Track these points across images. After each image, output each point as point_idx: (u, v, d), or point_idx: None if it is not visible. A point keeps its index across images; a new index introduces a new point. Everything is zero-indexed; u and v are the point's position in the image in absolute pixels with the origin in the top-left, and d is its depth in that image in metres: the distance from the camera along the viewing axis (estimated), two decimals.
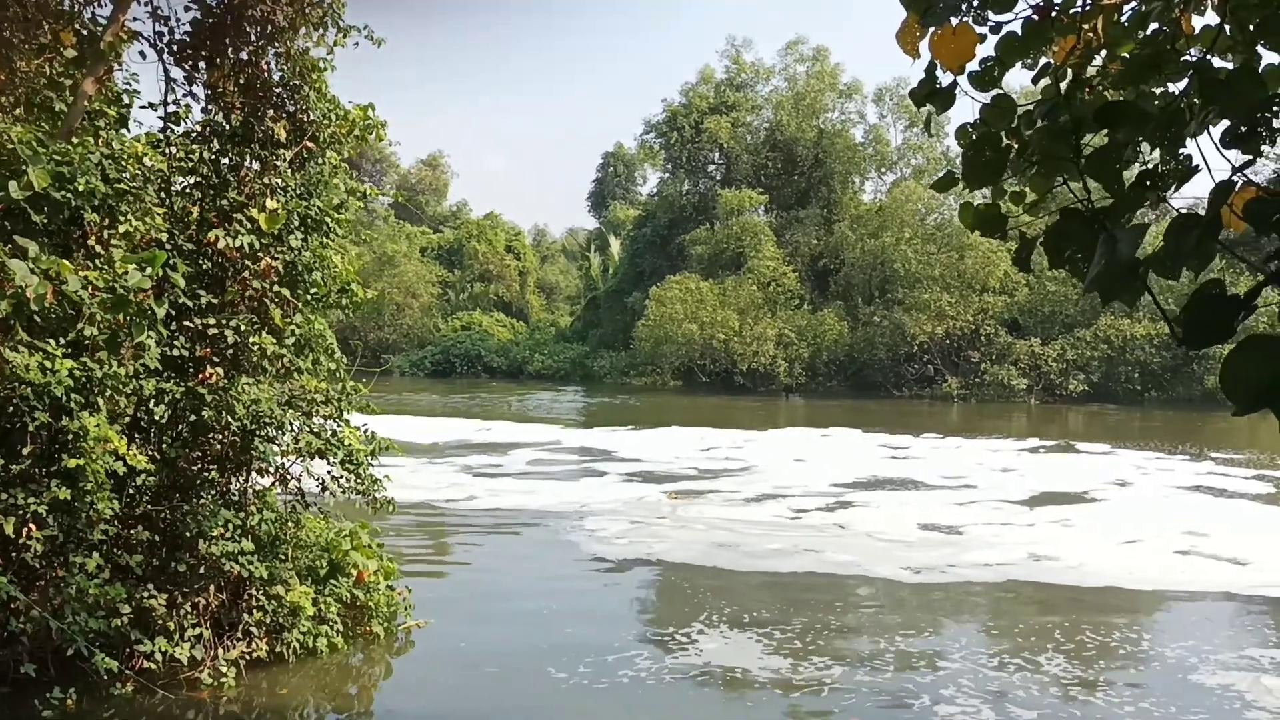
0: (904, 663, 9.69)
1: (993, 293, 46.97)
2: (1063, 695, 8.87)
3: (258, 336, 8.98)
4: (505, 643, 10.23)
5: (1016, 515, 17.28)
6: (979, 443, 28.72)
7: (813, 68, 56.79)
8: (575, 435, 29.47)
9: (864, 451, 26.47)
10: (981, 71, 3.95)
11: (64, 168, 7.92)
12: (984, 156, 2.92)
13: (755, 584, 12.70)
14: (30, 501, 7.79)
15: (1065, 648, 10.19)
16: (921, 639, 10.48)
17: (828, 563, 13.65)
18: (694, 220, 57.73)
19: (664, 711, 8.49)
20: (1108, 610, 11.73)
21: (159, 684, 8.35)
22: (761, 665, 9.48)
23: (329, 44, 9.28)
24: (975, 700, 8.60)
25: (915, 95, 3.98)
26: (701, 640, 10.18)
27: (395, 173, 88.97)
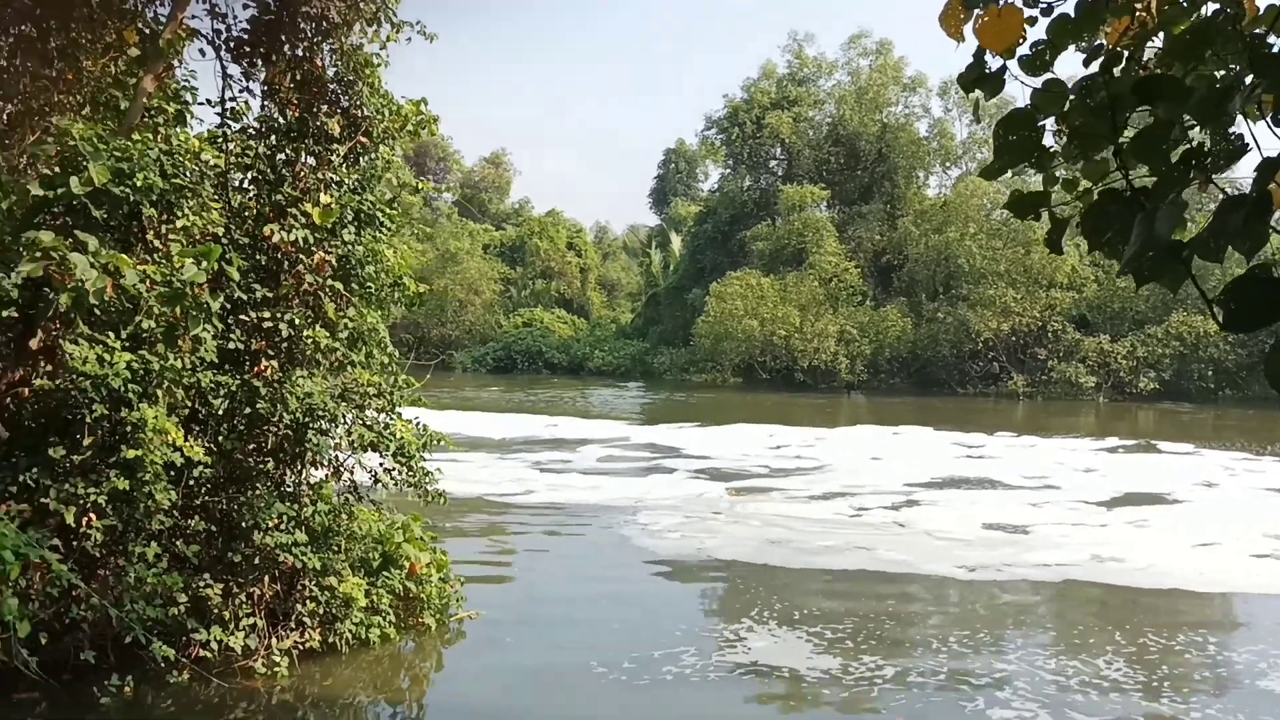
0: (957, 664, 9.52)
1: (1060, 288, 46.10)
2: (1123, 700, 8.65)
3: (311, 330, 9.07)
4: (552, 637, 10.25)
5: (1091, 516, 16.88)
6: (1055, 442, 28.10)
7: (876, 61, 56.20)
8: (643, 432, 29.40)
9: (938, 450, 26.04)
10: (1032, 55, 3.83)
11: (123, 164, 8.05)
12: (1014, 135, 2.82)
13: (807, 581, 12.58)
14: (90, 491, 7.93)
15: (1126, 650, 9.94)
16: (976, 639, 10.28)
17: (881, 560, 13.48)
18: (755, 216, 57.47)
19: (706, 710, 8.41)
20: (1173, 613, 11.43)
21: (214, 672, 8.47)
22: (810, 664, 9.36)
23: (382, 40, 9.34)
24: (1032, 704, 8.41)
25: (963, 80, 3.86)
26: (749, 638, 10.09)
27: (459, 170, 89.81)
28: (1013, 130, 2.84)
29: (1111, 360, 45.11)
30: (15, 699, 7.80)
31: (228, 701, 8.27)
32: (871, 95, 55.12)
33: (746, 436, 28.17)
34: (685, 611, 11.64)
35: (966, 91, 3.94)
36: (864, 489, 19.22)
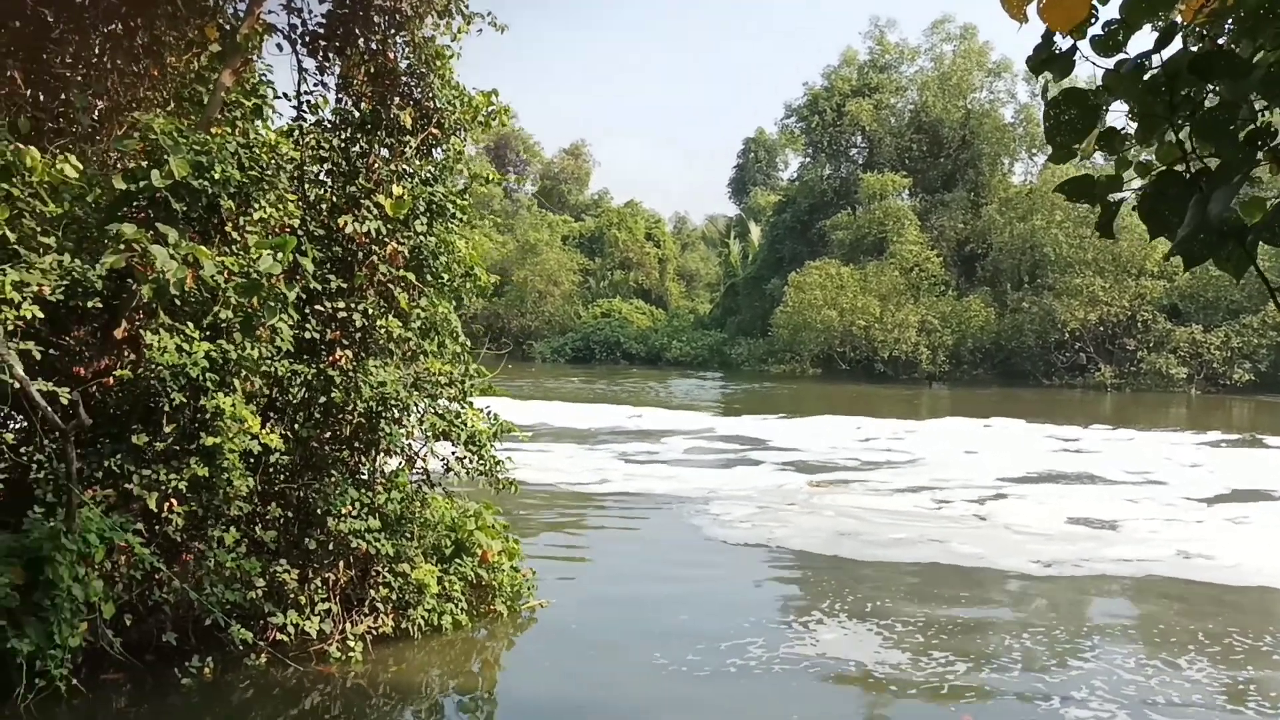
0: (1031, 661, 9.31)
1: (1150, 277, 44.88)
2: (1206, 702, 8.38)
3: (385, 320, 9.20)
4: (621, 626, 10.28)
5: (1192, 512, 16.36)
6: (1155, 435, 27.31)
7: (960, 46, 55.27)
8: (728, 423, 29.22)
9: (1032, 443, 25.42)
10: (1104, 35, 3.70)
11: (202, 157, 8.23)
12: (1067, 115, 2.72)
13: (886, 575, 12.41)
14: (171, 478, 8.14)
15: (1210, 650, 9.62)
16: (1051, 636, 10.05)
17: (963, 555, 13.25)
18: (835, 205, 56.95)
19: (769, 703, 8.34)
20: (1261, 612, 11.05)
21: (290, 656, 8.64)
22: (878, 659, 9.23)
23: (453, 32, 9.42)
24: (1110, 704, 8.19)
25: (1031, 62, 3.75)
26: (818, 630, 9.99)
27: (539, 162, 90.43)
28: (1064, 110, 2.74)
29: (1204, 351, 43.81)
30: (102, 679, 8.05)
31: (304, 684, 8.43)
32: (955, 81, 54.22)
33: (834, 428, 27.87)
34: (757, 602, 11.54)
35: (1035, 73, 3.81)
36: (956, 483, 18.80)
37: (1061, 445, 25.07)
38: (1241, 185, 2.23)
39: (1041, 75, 3.85)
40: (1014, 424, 29.77)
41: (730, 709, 8.22)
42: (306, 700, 8.22)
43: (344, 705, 8.24)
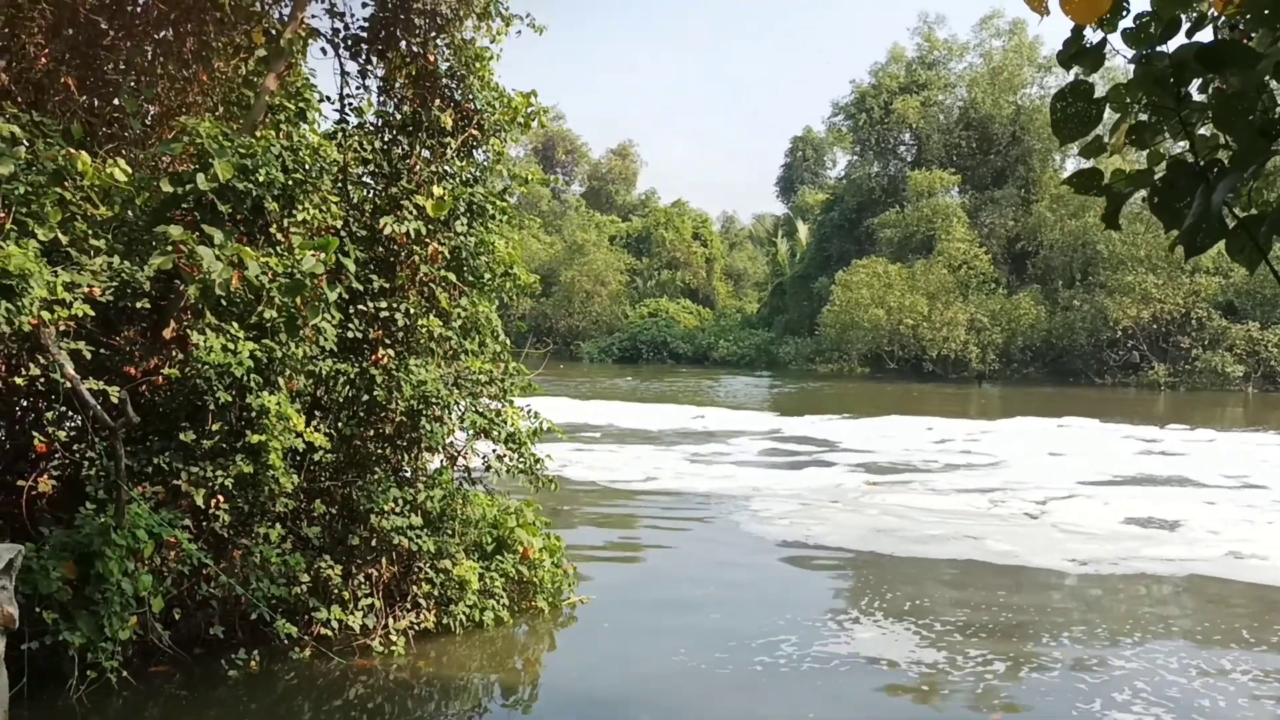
0: (1072, 661, 9.21)
1: (1205, 274, 44.08)
2: (1251, 706, 8.24)
3: (426, 319, 9.31)
4: (658, 624, 10.30)
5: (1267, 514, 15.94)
6: (1237, 436, 26.40)
7: (1009, 42, 54.64)
8: (794, 424, 28.74)
9: (1112, 444, 24.64)
10: (1136, 28, 3.67)
11: (247, 160, 8.38)
12: (1073, 108, 2.72)
13: (919, 571, 12.34)
14: (218, 475, 8.31)
15: (1258, 651, 9.47)
16: (1093, 636, 9.94)
17: (988, 551, 13.20)
18: (883, 203, 56.56)
19: (806, 702, 8.31)
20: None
21: (334, 650, 8.79)
22: (912, 658, 9.18)
23: (493, 34, 9.51)
24: (1156, 708, 8.08)
25: (1062, 56, 3.74)
26: (853, 629, 9.96)
27: (586, 163, 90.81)
28: (1070, 103, 2.73)
29: (1261, 349, 42.95)
30: (151, 671, 8.24)
31: (347, 677, 8.56)
32: (1005, 77, 53.64)
33: (904, 429, 27.37)
34: (801, 600, 11.48)
35: (1065, 68, 3.80)
36: (1045, 487, 18.04)
37: (1144, 446, 24.36)
38: (1244, 176, 2.21)
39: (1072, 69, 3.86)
40: (1087, 424, 29.10)
41: (766, 706, 8.22)
42: (349, 693, 8.35)
43: (386, 698, 8.36)
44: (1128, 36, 3.66)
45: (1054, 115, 2.87)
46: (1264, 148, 2.37)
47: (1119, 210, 2.77)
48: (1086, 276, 47.68)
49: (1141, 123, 3.44)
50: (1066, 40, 3.68)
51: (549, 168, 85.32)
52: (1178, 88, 2.48)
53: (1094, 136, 3.75)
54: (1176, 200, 2.39)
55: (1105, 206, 2.75)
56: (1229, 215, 2.43)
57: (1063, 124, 2.80)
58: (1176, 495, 17.58)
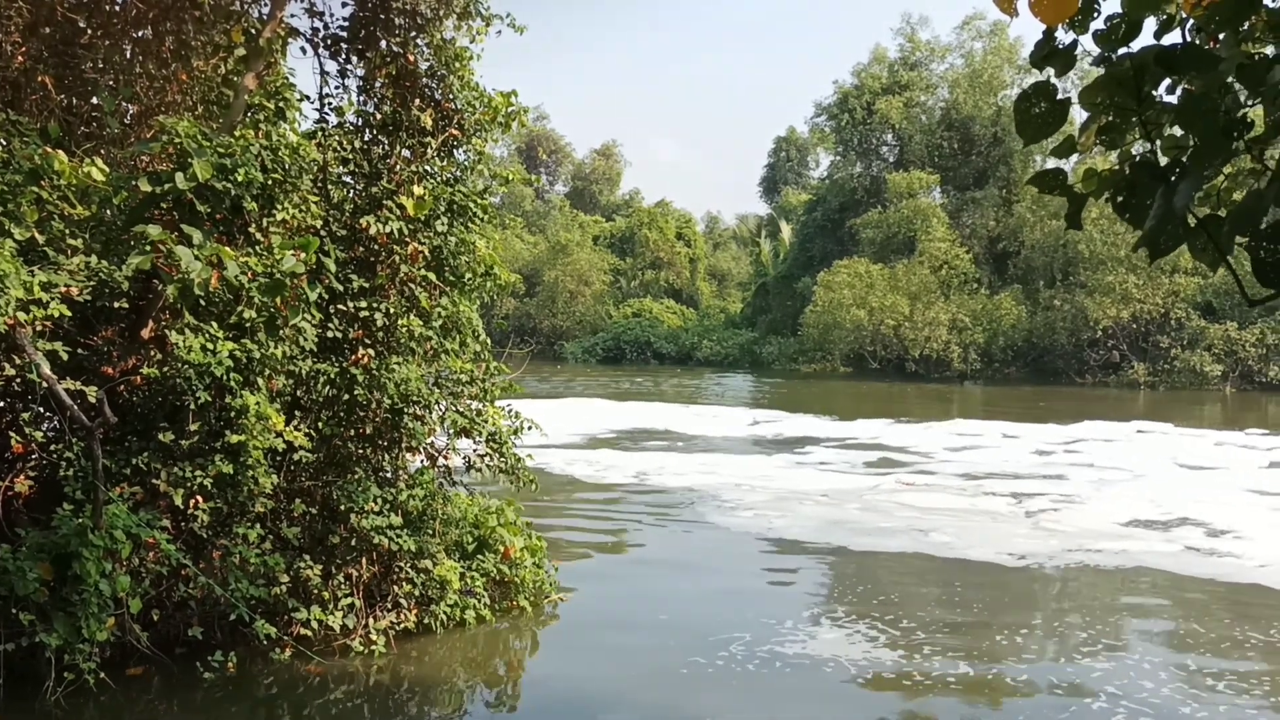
0: (1036, 658, 9.27)
1: (1184, 274, 44.30)
2: (1166, 690, 8.32)
3: (406, 319, 9.31)
4: (641, 620, 10.32)
5: None
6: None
7: (990, 43, 54.80)
8: (855, 428, 27.30)
9: (1234, 454, 22.86)
10: (1106, 29, 3.71)
11: (226, 159, 8.35)
12: (1036, 108, 2.74)
13: (942, 577, 12.41)
14: (197, 475, 8.28)
15: (1205, 641, 9.58)
16: (1028, 625, 10.02)
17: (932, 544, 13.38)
18: (865, 204, 56.65)
19: (777, 699, 8.35)
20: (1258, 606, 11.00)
21: (314, 650, 8.77)
22: (870, 656, 9.25)
23: (473, 33, 9.51)
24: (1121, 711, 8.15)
25: (1034, 57, 3.77)
26: (812, 628, 10.03)
27: (570, 163, 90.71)
28: (1034, 104, 2.76)
29: (1239, 348, 43.24)
30: (129, 673, 8.20)
31: (327, 678, 8.55)
32: (986, 78, 53.76)
33: (994, 435, 25.61)
34: (796, 598, 11.51)
35: (1038, 69, 3.83)
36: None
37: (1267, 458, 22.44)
38: (1205, 177, 2.24)
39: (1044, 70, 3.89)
40: (1165, 428, 27.80)
41: (745, 704, 8.26)
42: (329, 693, 8.34)
43: (367, 698, 8.35)
44: (1098, 38, 3.69)
45: (1018, 116, 2.90)
46: (1225, 147, 2.41)
47: (1081, 210, 2.80)
48: (1067, 276, 47.88)
49: (1111, 123, 3.48)
50: (1038, 42, 3.71)
51: (532, 168, 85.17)
52: (1139, 89, 2.51)
53: (1065, 137, 3.79)
54: (1140, 200, 2.42)
55: (1068, 206, 2.77)
56: (1191, 216, 2.46)
57: (1026, 125, 2.83)
58: None
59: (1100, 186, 3.47)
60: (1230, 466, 20.90)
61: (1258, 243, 2.21)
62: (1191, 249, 2.43)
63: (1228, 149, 2.41)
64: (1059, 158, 3.95)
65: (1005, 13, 3.60)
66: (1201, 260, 2.45)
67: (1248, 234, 2.19)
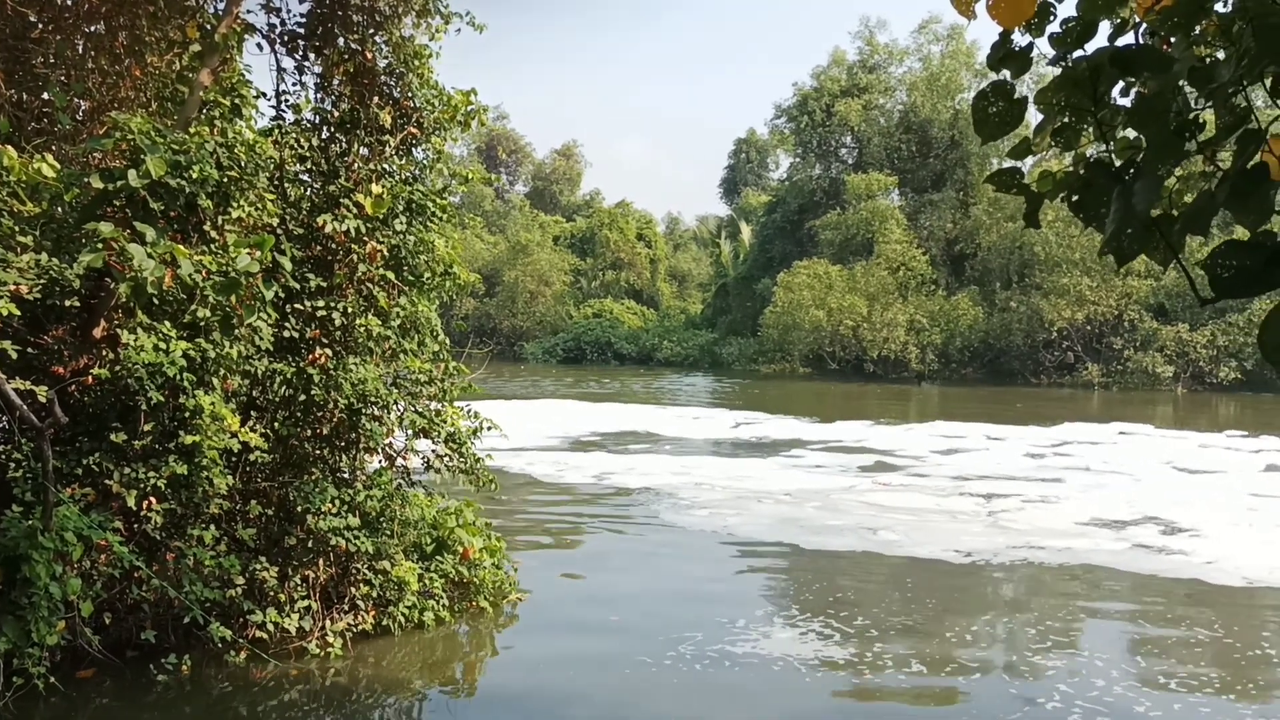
0: (980, 655, 9.37)
1: (1137, 276, 45.02)
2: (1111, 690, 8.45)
3: (364, 318, 9.23)
4: (599, 620, 10.30)
5: None
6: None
7: (948, 47, 55.37)
8: (825, 430, 27.24)
9: (1237, 459, 22.56)
10: (1062, 32, 3.75)
11: (180, 156, 8.24)
12: (994, 107, 2.77)
13: (891, 575, 12.48)
14: (150, 476, 8.16)
15: (1145, 637, 9.73)
16: (977, 624, 10.13)
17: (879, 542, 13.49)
18: (825, 205, 57.02)
19: (735, 698, 8.37)
20: (1193, 603, 11.22)
21: (270, 653, 8.68)
22: (823, 653, 9.31)
23: (432, 31, 9.46)
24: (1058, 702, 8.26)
25: (990, 59, 3.80)
26: (766, 627, 10.07)
27: (530, 163, 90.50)
28: (991, 103, 2.79)
29: (1190, 349, 43.98)
30: (80, 676, 8.07)
31: (283, 681, 8.46)
32: (944, 81, 54.33)
33: (985, 439, 25.33)
34: (754, 597, 11.55)
35: (994, 70, 3.87)
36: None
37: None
38: (1163, 180, 2.28)
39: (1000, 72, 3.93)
40: (1148, 429, 27.81)
41: (702, 703, 8.27)
42: (285, 696, 8.25)
43: (324, 701, 8.28)
44: (1054, 40, 3.74)
45: (975, 115, 2.93)
46: (1177, 148, 2.44)
47: (1038, 209, 2.83)
48: (1023, 278, 48.48)
49: (1065, 125, 3.52)
50: (995, 44, 3.75)
51: (492, 167, 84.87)
52: (1094, 90, 2.54)
53: (1022, 139, 3.82)
54: (1094, 200, 2.45)
55: (1026, 205, 2.80)
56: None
57: (983, 124, 2.86)
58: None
59: (1055, 187, 3.52)
60: (1227, 470, 20.70)
61: (1214, 259, 2.24)
62: (1146, 249, 2.46)
63: (1180, 150, 2.44)
64: (1016, 159, 3.99)
65: (963, 15, 3.64)
66: (1153, 259, 2.48)
67: (1202, 235, 2.23)
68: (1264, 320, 2.17)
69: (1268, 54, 2.45)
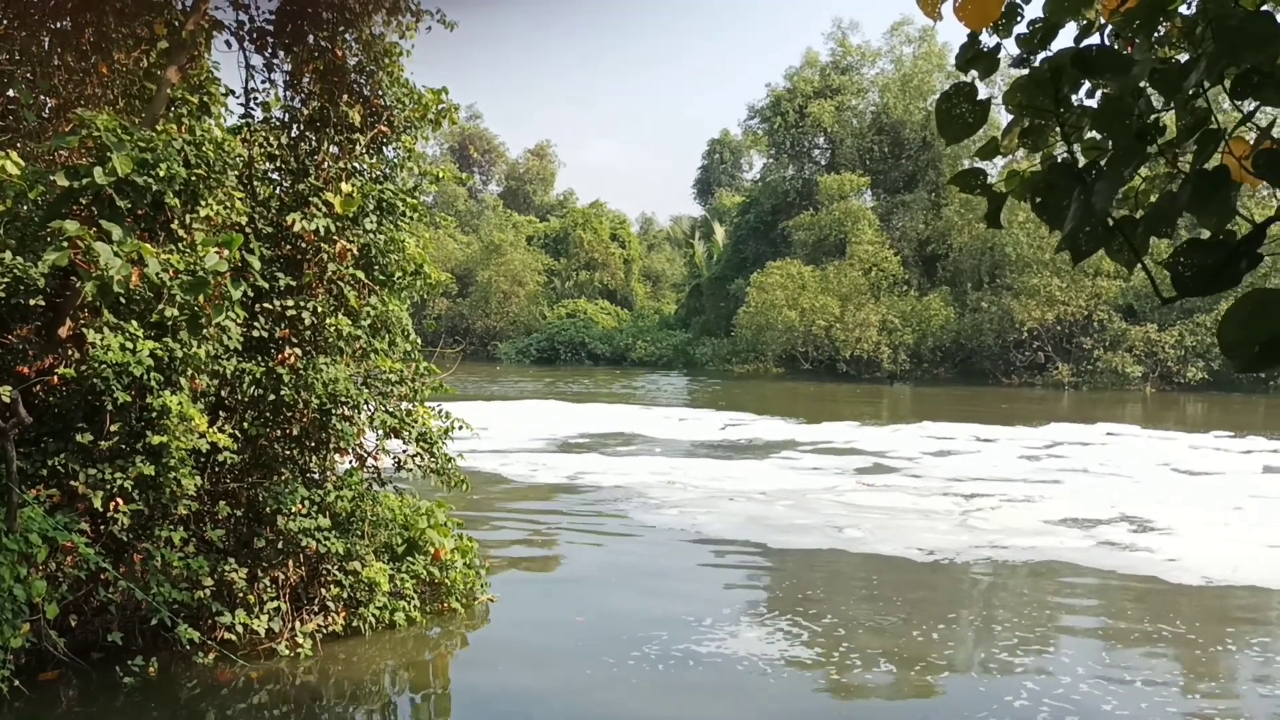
0: (949, 654, 9.43)
1: (1106, 277, 45.39)
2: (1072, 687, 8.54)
3: (334, 318, 9.17)
4: (568, 620, 10.29)
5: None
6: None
7: (920, 48, 55.66)
8: (811, 431, 27.08)
9: (1235, 461, 22.29)
10: (1029, 33, 3.77)
11: (147, 154, 8.16)
12: (958, 108, 2.79)
13: (863, 573, 12.53)
14: (117, 477, 8.09)
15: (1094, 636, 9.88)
16: (941, 621, 10.21)
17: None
18: (798, 206, 57.19)
19: (704, 699, 8.38)
20: (1147, 600, 11.33)
21: (239, 654, 8.61)
22: (789, 652, 9.33)
23: (403, 29, 9.42)
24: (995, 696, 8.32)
25: (959, 61, 3.82)
26: (733, 626, 10.09)
27: (503, 162, 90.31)
28: (955, 104, 2.80)
29: (1159, 350, 44.42)
30: (43, 679, 7.98)
31: (251, 683, 8.40)
32: (916, 83, 54.58)
33: (981, 440, 24.95)
34: (715, 594, 11.57)
35: (962, 71, 3.89)
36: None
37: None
38: (1123, 179, 2.30)
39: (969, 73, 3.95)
40: (1136, 430, 27.67)
41: (674, 705, 8.28)
42: (254, 698, 8.20)
43: (293, 703, 8.22)
44: (1021, 42, 3.77)
45: (939, 116, 2.94)
46: (1140, 150, 2.46)
47: (1000, 209, 2.85)
48: (994, 279, 48.79)
49: (1033, 126, 3.54)
50: (962, 45, 3.77)
51: (464, 166, 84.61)
52: (1056, 91, 2.56)
53: (989, 139, 3.85)
54: (1057, 201, 2.47)
55: (988, 205, 2.82)
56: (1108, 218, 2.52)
57: (948, 125, 2.87)
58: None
59: (1021, 188, 3.54)
60: (1225, 471, 20.56)
61: (1175, 258, 2.26)
62: (1108, 250, 2.48)
63: (1142, 152, 2.46)
64: (983, 160, 4.02)
65: (929, 16, 3.65)
66: (1117, 260, 2.50)
67: (1166, 236, 2.25)
68: (1223, 317, 2.19)
69: (1226, 55, 2.47)
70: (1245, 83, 2.50)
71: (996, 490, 17.90)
